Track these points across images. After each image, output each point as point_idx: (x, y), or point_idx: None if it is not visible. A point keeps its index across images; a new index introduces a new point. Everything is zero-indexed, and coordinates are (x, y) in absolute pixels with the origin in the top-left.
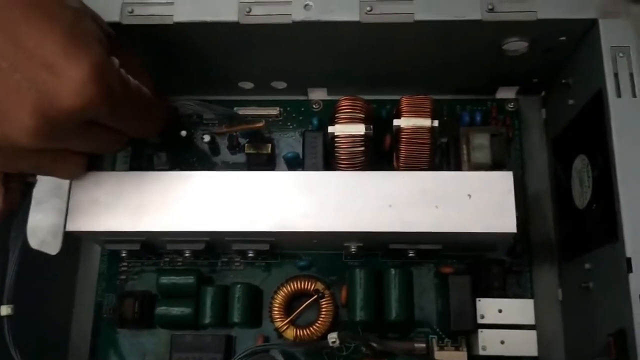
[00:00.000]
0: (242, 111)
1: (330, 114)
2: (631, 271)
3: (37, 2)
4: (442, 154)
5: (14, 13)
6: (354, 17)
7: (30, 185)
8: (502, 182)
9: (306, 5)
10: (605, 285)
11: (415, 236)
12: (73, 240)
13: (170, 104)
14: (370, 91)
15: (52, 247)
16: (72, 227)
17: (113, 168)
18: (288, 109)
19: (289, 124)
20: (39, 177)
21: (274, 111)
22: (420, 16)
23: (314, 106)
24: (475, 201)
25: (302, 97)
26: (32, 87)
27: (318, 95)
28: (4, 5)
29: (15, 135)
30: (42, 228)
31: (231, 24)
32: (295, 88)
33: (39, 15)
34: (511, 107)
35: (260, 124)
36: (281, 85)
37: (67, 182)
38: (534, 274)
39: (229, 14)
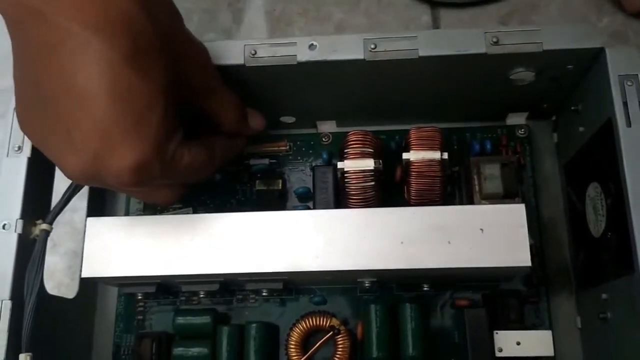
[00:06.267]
0: (251, 148)
1: (339, 147)
2: None
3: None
4: (454, 182)
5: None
6: (359, 55)
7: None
8: (514, 215)
9: (311, 45)
10: (624, 317)
11: (428, 272)
12: (90, 283)
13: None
14: (379, 122)
15: (70, 289)
16: (86, 273)
17: (127, 210)
18: (298, 142)
19: (299, 158)
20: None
21: (283, 146)
22: (424, 52)
23: (324, 139)
24: (488, 235)
25: (312, 130)
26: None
27: (327, 127)
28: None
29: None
30: (59, 270)
31: (237, 67)
32: (304, 121)
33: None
34: (522, 133)
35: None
36: (290, 119)
37: (82, 224)
38: (551, 303)
39: (234, 57)
